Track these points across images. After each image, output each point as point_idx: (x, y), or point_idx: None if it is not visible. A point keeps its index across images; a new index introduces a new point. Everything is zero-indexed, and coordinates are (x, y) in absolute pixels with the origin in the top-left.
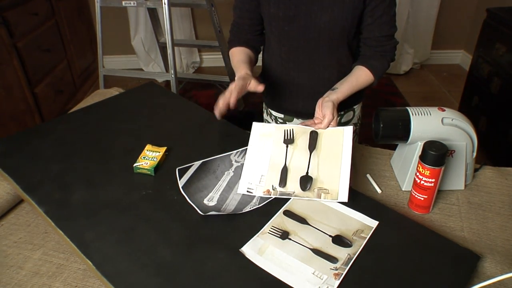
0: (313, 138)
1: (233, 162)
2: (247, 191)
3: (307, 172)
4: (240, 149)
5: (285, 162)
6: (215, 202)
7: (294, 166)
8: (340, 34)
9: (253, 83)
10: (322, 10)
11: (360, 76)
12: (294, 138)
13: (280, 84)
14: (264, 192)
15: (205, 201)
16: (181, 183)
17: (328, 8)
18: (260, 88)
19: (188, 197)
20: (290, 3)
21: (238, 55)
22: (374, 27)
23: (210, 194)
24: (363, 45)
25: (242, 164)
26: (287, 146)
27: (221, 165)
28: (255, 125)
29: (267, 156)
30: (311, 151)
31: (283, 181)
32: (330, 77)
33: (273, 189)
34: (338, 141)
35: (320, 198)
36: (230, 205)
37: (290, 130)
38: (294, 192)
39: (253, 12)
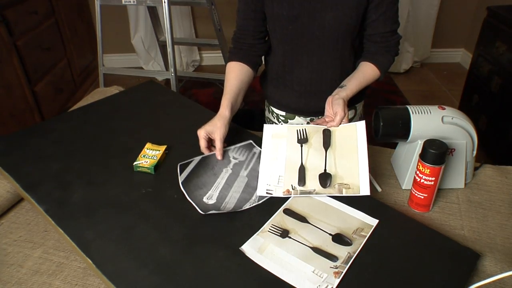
0: (327, 136)
1: (231, 158)
2: (267, 193)
3: (325, 169)
4: (238, 145)
5: (302, 161)
6: (215, 201)
7: (311, 165)
8: (344, 32)
9: (217, 141)
10: (326, 8)
11: (366, 72)
12: (308, 137)
13: (283, 82)
14: (284, 192)
15: (205, 199)
16: (181, 178)
17: (332, 6)
18: (218, 156)
19: (188, 195)
20: (294, 2)
21: (231, 79)
22: (379, 23)
23: (209, 192)
24: (367, 41)
25: (240, 161)
26: (301, 146)
27: (219, 162)
28: (267, 127)
29: (282, 156)
30: (326, 149)
31: (302, 180)
32: (333, 76)
33: (292, 189)
34: (352, 136)
35: (341, 193)
36: (230, 203)
37: (303, 129)
38: (314, 190)
39: (258, 12)
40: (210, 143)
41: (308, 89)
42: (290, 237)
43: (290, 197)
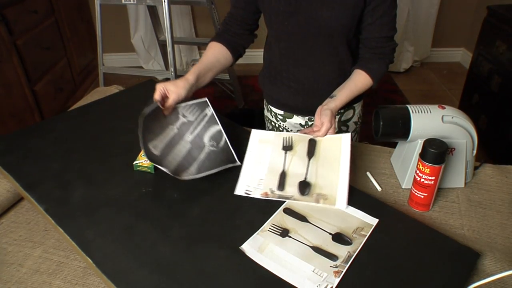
0: (312, 145)
1: (180, 115)
2: (245, 193)
3: (305, 178)
4: (191, 102)
5: (284, 168)
6: (158, 153)
7: (293, 172)
8: (340, 31)
9: (170, 99)
10: (323, 6)
11: (358, 81)
12: (293, 145)
13: (280, 81)
14: (262, 194)
15: (150, 146)
16: (146, 110)
17: (328, 5)
18: (166, 110)
19: (142, 131)
20: None
21: (208, 55)
22: (374, 28)
23: (155, 142)
24: (362, 46)
25: (189, 121)
26: (285, 153)
27: (168, 116)
28: (254, 131)
29: (265, 161)
30: (309, 158)
31: (281, 185)
32: (330, 74)
33: (271, 192)
34: (336, 148)
35: (318, 203)
36: (171, 163)
37: (289, 137)
38: (292, 196)
39: (249, 3)
40: (164, 101)
41: (305, 87)
42: (290, 237)
43: (268, 199)
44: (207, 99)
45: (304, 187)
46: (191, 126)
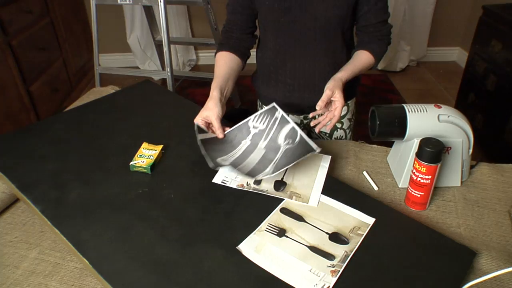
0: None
1: (251, 128)
2: (222, 182)
3: (282, 178)
4: (260, 111)
5: None
6: (228, 163)
7: None
8: (336, 23)
9: (214, 123)
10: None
11: (361, 58)
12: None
13: (275, 78)
14: (238, 185)
15: (219, 160)
16: (199, 137)
17: None
18: (219, 135)
19: (205, 151)
20: None
21: (220, 66)
22: (371, 15)
23: (225, 157)
24: (360, 32)
25: (260, 131)
26: None
27: (238, 134)
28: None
29: None
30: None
31: (258, 181)
32: (325, 68)
33: (247, 185)
34: (316, 163)
35: (291, 199)
36: (243, 169)
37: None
38: (267, 190)
39: (246, 8)
40: (210, 127)
41: (301, 82)
42: (287, 236)
43: (244, 189)
44: (275, 104)
45: (280, 185)
46: (263, 133)
